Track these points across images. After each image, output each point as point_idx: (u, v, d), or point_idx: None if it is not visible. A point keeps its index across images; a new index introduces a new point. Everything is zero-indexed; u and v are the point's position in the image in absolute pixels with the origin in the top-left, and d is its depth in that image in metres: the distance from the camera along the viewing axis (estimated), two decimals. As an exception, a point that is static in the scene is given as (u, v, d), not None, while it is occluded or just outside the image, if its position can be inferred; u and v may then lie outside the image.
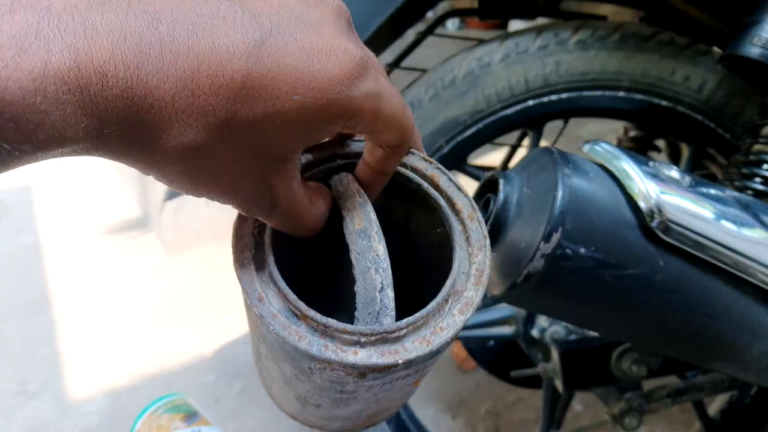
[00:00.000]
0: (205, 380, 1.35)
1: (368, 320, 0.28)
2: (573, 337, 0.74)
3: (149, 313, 1.59)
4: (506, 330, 0.81)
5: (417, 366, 0.29)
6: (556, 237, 0.42)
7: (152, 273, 1.77)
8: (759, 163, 0.56)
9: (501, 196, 0.46)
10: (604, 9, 0.95)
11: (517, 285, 0.45)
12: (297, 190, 0.27)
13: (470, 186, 0.57)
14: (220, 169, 0.23)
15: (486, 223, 0.47)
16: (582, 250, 0.43)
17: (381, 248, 0.29)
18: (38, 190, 2.33)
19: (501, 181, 0.47)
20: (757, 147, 0.56)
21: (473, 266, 0.31)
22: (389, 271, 0.28)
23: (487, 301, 0.90)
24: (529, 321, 0.78)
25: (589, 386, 0.74)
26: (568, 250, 0.43)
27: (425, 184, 0.33)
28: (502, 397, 1.26)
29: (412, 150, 0.33)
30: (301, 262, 0.37)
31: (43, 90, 0.18)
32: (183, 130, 0.21)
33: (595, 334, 0.73)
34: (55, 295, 1.67)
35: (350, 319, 0.28)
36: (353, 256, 0.29)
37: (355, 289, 0.28)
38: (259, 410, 1.25)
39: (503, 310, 0.81)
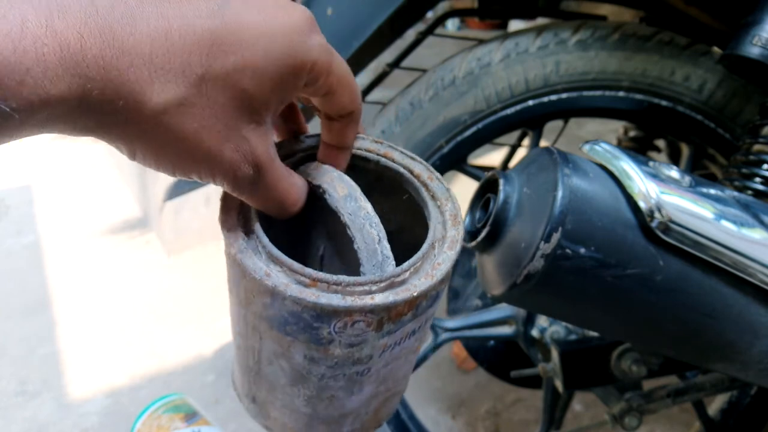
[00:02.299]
0: (205, 380, 1.35)
1: (374, 271, 0.30)
2: (573, 337, 0.74)
3: (149, 313, 1.59)
4: (506, 330, 0.81)
5: (424, 313, 0.31)
6: (556, 237, 0.42)
7: (152, 273, 1.77)
8: (759, 163, 0.56)
9: (501, 196, 0.46)
10: (604, 9, 0.95)
11: (517, 285, 0.45)
12: (275, 156, 0.29)
13: (470, 186, 0.57)
14: (202, 127, 0.25)
15: (486, 223, 0.47)
16: (582, 250, 0.43)
17: (369, 206, 0.31)
18: (38, 190, 2.33)
19: (501, 181, 0.47)
20: (757, 147, 0.56)
21: (446, 213, 0.34)
22: (381, 226, 0.31)
23: (487, 301, 0.90)
24: (529, 321, 0.78)
25: (589, 386, 0.74)
26: (568, 250, 0.43)
27: (383, 159, 0.35)
28: (502, 397, 1.26)
29: (362, 135, 0.35)
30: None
31: (22, 48, 0.19)
32: (164, 86, 0.23)
33: (595, 334, 0.73)
34: (55, 295, 1.68)
35: None
36: (346, 218, 0.30)
37: (355, 246, 0.30)
38: (259, 410, 1.25)
39: (503, 310, 0.81)
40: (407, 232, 0.38)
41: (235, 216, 0.31)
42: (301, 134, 0.35)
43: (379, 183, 0.35)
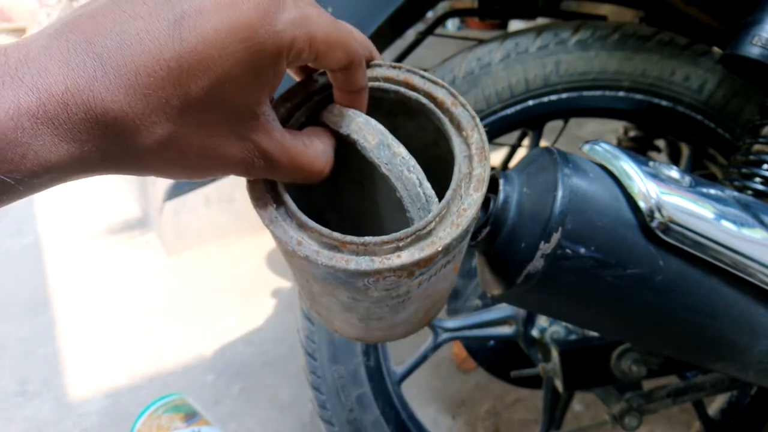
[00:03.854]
0: (205, 380, 1.35)
1: (421, 214, 0.31)
2: (573, 337, 0.74)
3: (149, 313, 1.59)
4: (506, 330, 0.81)
5: (453, 251, 0.31)
6: (556, 237, 0.42)
7: (152, 273, 1.77)
8: (759, 163, 0.56)
9: (501, 196, 0.46)
10: (604, 9, 0.95)
11: (517, 285, 0.45)
12: (283, 140, 0.28)
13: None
14: (202, 146, 0.26)
15: (486, 223, 0.47)
16: (582, 250, 0.43)
17: (403, 150, 0.31)
18: (38, 190, 2.32)
19: (501, 181, 0.47)
20: (757, 147, 0.56)
21: (472, 146, 0.33)
22: (419, 167, 0.31)
23: (487, 301, 0.90)
24: (529, 321, 0.78)
25: (589, 386, 0.74)
26: (568, 250, 0.43)
27: (402, 89, 0.34)
28: (502, 397, 1.26)
29: (378, 62, 0.34)
30: (316, 211, 0.40)
31: (21, 126, 0.21)
32: (151, 128, 0.24)
33: (595, 334, 0.73)
34: (55, 295, 1.68)
35: None
36: (383, 168, 0.31)
37: (398, 195, 0.31)
38: (259, 410, 1.25)
39: (503, 310, 0.81)
40: (434, 147, 0.38)
41: (263, 187, 0.31)
42: (313, 72, 0.34)
43: (402, 106, 0.35)
